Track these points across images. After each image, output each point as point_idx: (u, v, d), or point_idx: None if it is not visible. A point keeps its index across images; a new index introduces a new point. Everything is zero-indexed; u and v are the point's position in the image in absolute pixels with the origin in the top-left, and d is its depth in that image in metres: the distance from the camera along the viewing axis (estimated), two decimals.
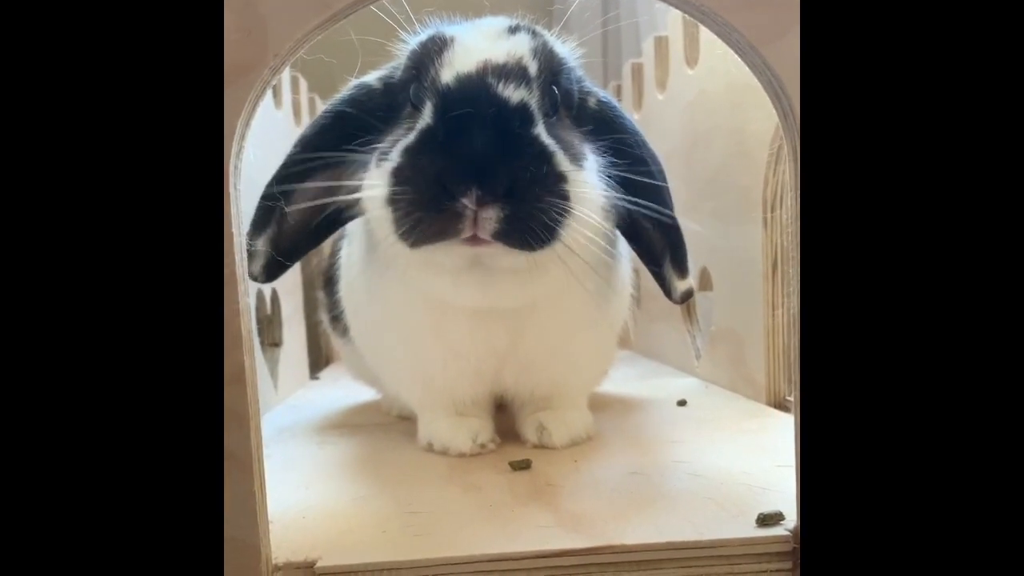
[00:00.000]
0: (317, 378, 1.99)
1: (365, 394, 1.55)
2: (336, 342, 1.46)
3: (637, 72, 1.97)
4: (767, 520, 0.78)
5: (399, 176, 0.88)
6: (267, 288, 1.63)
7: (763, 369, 1.34)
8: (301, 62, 2.25)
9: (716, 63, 1.46)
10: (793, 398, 0.77)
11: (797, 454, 0.76)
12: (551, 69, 0.97)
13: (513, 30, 0.99)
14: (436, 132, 0.87)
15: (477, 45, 0.94)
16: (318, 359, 2.11)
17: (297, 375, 1.86)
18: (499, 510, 0.87)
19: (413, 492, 0.95)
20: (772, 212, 1.30)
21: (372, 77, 1.09)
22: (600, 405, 1.36)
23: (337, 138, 1.01)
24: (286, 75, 1.84)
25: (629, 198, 0.98)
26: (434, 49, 0.95)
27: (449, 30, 0.99)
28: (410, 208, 0.86)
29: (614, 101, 1.10)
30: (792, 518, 0.78)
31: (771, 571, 0.76)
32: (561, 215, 0.87)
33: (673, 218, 1.05)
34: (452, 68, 0.92)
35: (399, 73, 1.03)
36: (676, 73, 1.67)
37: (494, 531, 0.80)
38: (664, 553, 0.75)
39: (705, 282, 1.58)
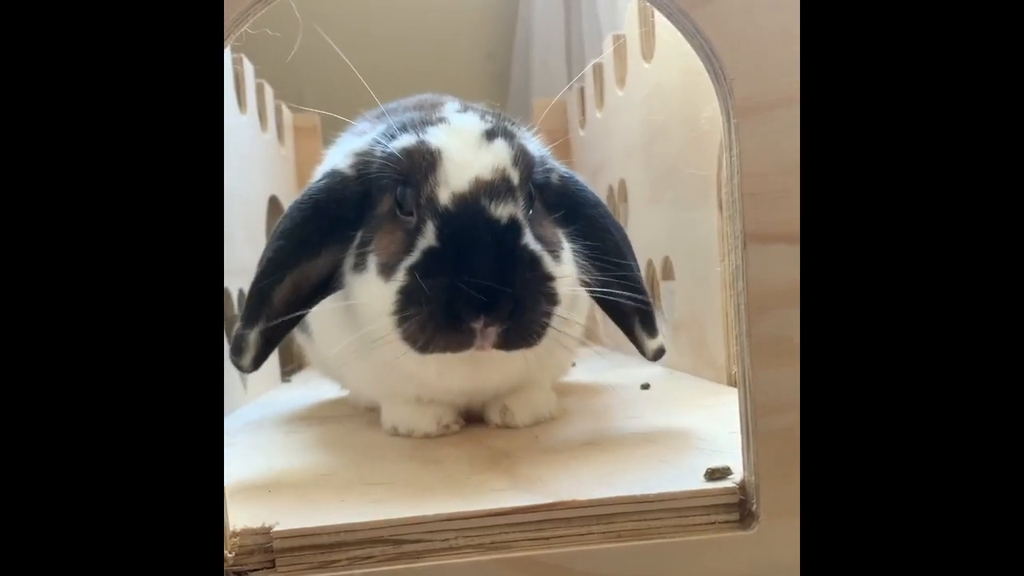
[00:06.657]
0: (289, 380, 1.99)
1: (336, 393, 1.55)
2: (300, 337, 1.47)
3: (598, 72, 2.00)
4: (715, 474, 0.80)
5: (407, 295, 0.94)
6: (233, 289, 1.63)
7: (722, 350, 1.36)
8: (268, 70, 2.23)
9: (670, 54, 1.49)
10: (738, 371, 0.79)
11: (741, 414, 0.79)
12: (528, 171, 1.04)
13: (490, 136, 1.03)
14: (442, 256, 0.94)
15: (465, 159, 1.00)
16: (291, 363, 2.11)
17: (268, 377, 1.87)
18: (456, 478, 0.88)
19: (375, 467, 0.97)
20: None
21: (343, 164, 1.10)
22: (566, 391, 1.37)
23: (315, 229, 1.05)
24: (251, 82, 1.86)
25: (599, 290, 1.08)
26: (423, 163, 1.00)
27: (431, 139, 1.02)
28: (422, 326, 0.93)
29: (575, 175, 1.16)
30: (740, 473, 0.80)
31: (719, 522, 0.78)
32: (550, 315, 0.97)
33: (640, 287, 1.10)
34: (448, 187, 0.98)
35: (374, 167, 1.05)
36: (633, 69, 1.71)
37: (450, 496, 0.82)
38: (616, 507, 0.77)
39: (668, 272, 1.60)
